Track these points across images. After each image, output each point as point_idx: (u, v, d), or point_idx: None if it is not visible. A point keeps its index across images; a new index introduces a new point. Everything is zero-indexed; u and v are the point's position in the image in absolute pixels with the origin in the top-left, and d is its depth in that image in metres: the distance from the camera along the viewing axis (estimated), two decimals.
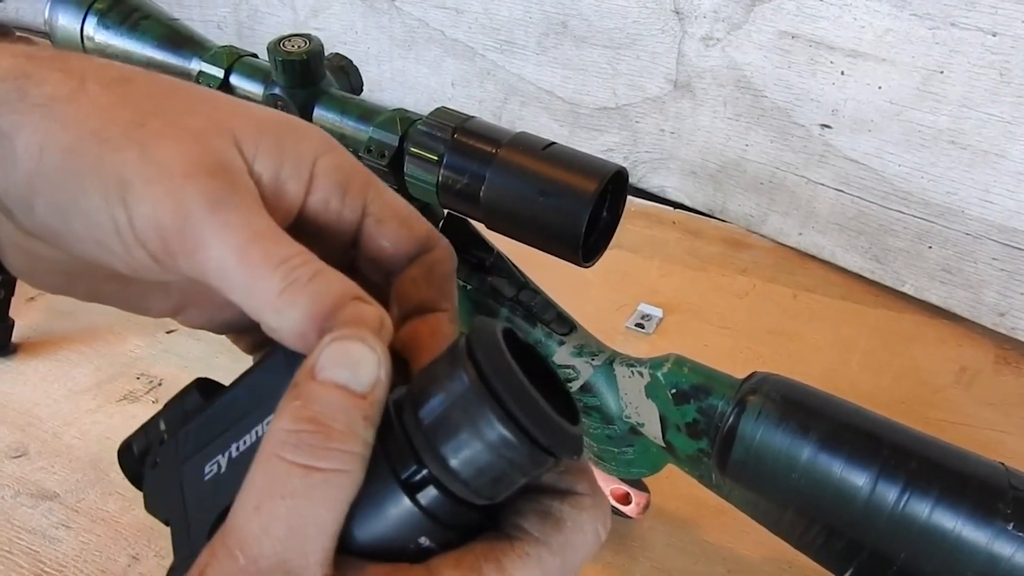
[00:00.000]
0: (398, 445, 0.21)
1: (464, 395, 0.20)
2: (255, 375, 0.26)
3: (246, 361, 0.30)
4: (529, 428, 0.20)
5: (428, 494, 0.21)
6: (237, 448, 0.24)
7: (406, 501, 0.21)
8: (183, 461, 0.26)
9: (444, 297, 0.26)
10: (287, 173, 0.24)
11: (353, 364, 0.21)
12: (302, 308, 0.21)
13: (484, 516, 0.22)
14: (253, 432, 0.24)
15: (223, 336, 0.30)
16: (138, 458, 0.29)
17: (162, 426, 0.28)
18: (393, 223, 0.26)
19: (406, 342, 0.25)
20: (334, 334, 0.21)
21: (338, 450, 0.20)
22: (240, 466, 0.23)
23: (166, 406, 0.29)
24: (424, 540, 0.21)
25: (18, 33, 1.29)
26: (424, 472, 0.21)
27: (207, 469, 0.25)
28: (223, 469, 0.24)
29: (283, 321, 0.22)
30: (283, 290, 0.21)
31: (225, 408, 0.26)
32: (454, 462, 0.20)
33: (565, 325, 0.51)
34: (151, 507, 0.27)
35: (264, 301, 0.22)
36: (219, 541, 0.20)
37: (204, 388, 0.28)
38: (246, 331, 0.29)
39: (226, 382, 0.28)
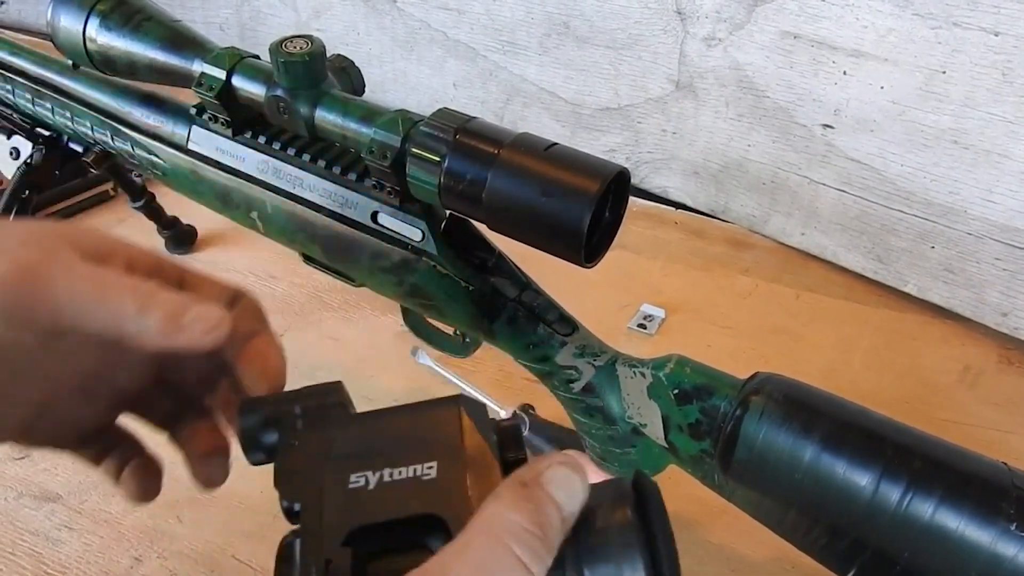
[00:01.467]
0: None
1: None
2: (423, 413, 0.29)
3: None
4: None
5: None
6: (390, 475, 0.27)
7: None
8: (328, 458, 0.28)
9: (264, 324, 0.33)
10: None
11: (572, 492, 0.25)
12: (159, 314, 0.28)
13: None
14: (411, 468, 0.27)
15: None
16: (262, 424, 0.30)
17: (298, 410, 0.30)
18: (208, 287, 0.32)
19: (254, 356, 0.32)
20: (561, 458, 0.25)
21: (543, 560, 0.23)
22: (389, 491, 0.26)
23: (302, 393, 0.31)
24: None
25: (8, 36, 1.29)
26: None
27: (353, 479, 0.27)
28: (370, 486, 0.26)
29: (146, 325, 0.28)
30: (141, 306, 0.27)
31: (383, 429, 0.28)
32: None
33: (567, 326, 0.51)
34: (281, 483, 0.28)
35: (125, 315, 0.27)
36: None
37: (343, 398, 0.31)
38: (89, 444, 0.34)
39: None
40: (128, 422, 0.35)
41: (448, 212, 0.51)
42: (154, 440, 0.35)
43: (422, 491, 0.26)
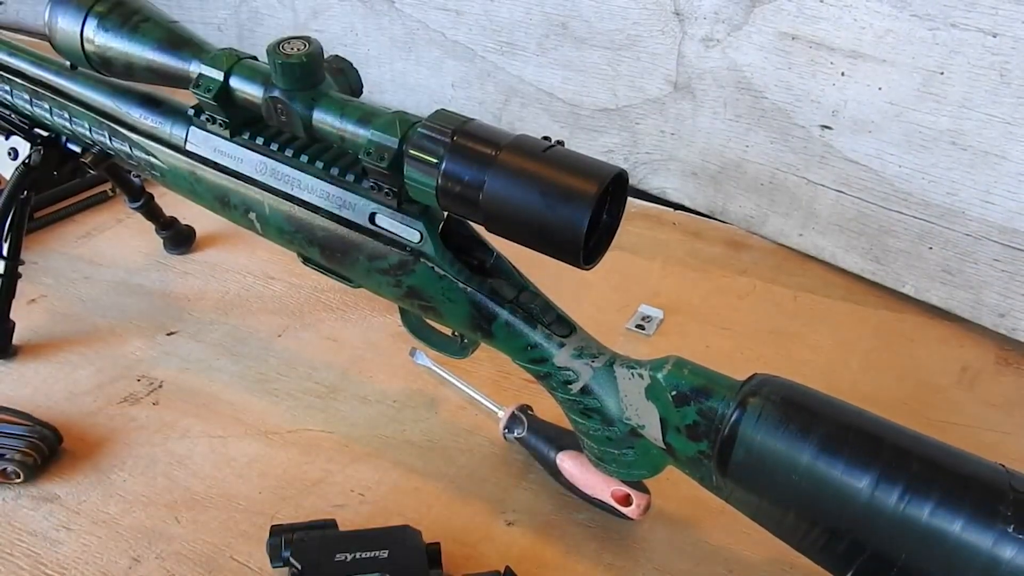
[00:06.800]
0: None
1: None
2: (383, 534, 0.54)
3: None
4: None
5: None
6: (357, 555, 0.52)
7: None
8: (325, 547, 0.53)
9: None
10: None
11: None
12: None
13: None
14: (371, 552, 0.51)
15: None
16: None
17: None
18: None
19: None
20: None
21: None
22: (357, 562, 0.51)
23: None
24: None
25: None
26: None
27: (337, 556, 0.51)
28: (347, 559, 0.51)
29: None
30: None
31: (357, 538, 0.54)
32: None
33: (565, 327, 0.51)
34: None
35: None
36: None
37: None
38: None
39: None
40: None
41: (446, 213, 0.51)
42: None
43: (378, 561, 0.51)
